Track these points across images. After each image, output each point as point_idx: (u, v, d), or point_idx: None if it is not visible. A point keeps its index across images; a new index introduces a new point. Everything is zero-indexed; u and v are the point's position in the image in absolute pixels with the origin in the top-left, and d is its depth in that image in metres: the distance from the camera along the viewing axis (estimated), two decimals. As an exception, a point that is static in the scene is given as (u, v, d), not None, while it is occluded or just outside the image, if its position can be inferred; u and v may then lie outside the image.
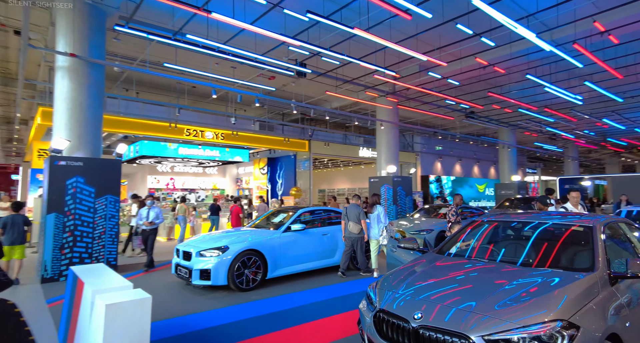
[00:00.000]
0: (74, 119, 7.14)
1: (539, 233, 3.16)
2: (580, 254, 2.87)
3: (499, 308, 2.18)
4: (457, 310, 2.25)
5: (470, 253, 3.30)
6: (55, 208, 6.60)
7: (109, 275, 3.13)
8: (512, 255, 3.07)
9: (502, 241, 3.34)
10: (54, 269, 6.52)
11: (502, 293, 2.32)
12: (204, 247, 5.74)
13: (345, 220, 6.62)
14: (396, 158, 13.40)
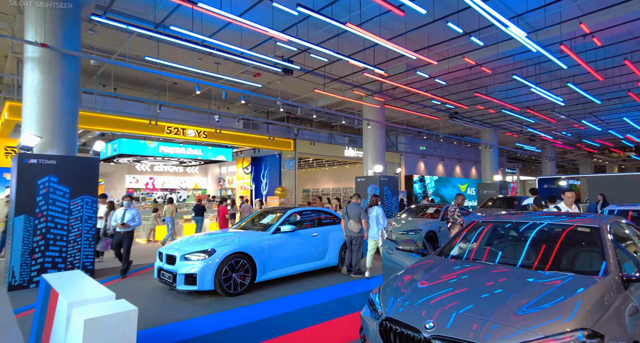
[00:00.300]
0: (46, 115, 6.66)
1: (544, 234, 3.08)
2: (587, 256, 2.80)
3: (517, 316, 2.05)
4: (472, 319, 2.11)
5: (474, 255, 3.19)
6: (24, 210, 6.12)
7: (86, 284, 2.84)
8: (518, 257, 2.97)
9: (507, 243, 3.24)
10: (22, 275, 6.05)
11: (516, 299, 2.20)
12: (188, 250, 5.44)
13: (345, 218, 6.66)
14: (383, 157, 13.36)
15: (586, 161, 31.07)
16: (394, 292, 2.64)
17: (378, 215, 6.60)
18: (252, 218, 7.32)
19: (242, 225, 7.09)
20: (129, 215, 6.90)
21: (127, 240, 6.84)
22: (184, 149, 14.66)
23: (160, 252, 5.79)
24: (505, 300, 2.19)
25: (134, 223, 6.91)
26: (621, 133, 19.64)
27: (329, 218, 7.14)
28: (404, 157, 21.46)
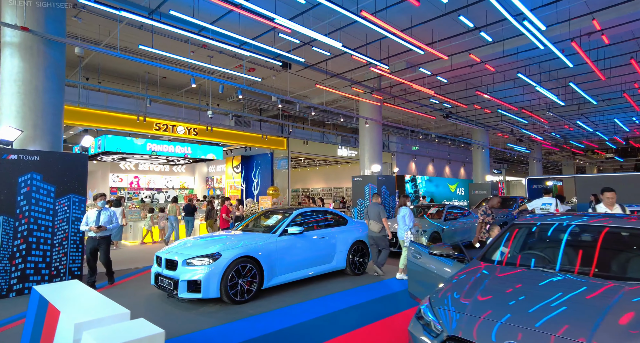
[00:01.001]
0: (27, 106, 6.06)
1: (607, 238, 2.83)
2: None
3: (628, 336, 1.77)
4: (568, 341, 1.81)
5: (527, 261, 2.91)
6: (3, 211, 5.52)
7: (91, 298, 2.40)
8: (587, 264, 2.69)
9: (568, 247, 2.96)
10: (1, 283, 5.44)
11: (614, 314, 1.92)
12: (191, 254, 4.99)
13: (367, 218, 6.71)
14: (380, 157, 13.14)
15: (569, 162, 31.89)
16: (453, 305, 2.33)
17: (405, 216, 6.49)
18: (253, 219, 6.91)
19: (242, 227, 6.67)
20: (104, 216, 5.88)
21: (104, 246, 5.89)
22: (172, 146, 14.01)
23: (159, 256, 5.31)
24: (600, 315, 1.91)
25: (112, 226, 5.95)
26: (608, 135, 20.13)
27: (335, 220, 6.81)
28: (395, 156, 21.36)
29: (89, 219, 5.82)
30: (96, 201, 6.00)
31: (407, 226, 6.46)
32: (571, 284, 2.38)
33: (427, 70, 9.52)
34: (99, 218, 5.83)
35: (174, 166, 20.49)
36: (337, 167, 24.38)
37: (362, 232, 6.91)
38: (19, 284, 5.58)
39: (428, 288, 3.81)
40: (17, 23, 5.99)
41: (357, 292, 5.63)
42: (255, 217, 6.95)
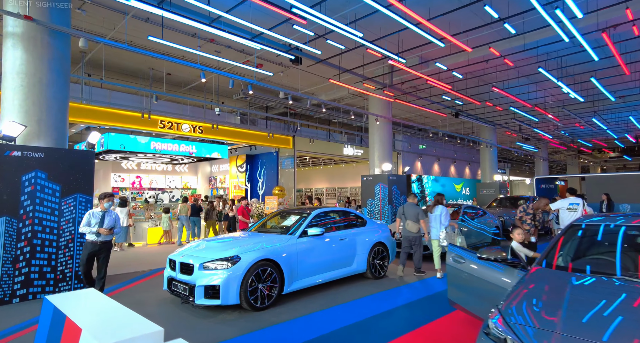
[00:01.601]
0: (31, 100, 5.72)
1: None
2: None
3: None
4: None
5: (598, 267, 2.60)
6: (6, 211, 5.18)
7: (114, 311, 2.08)
8: None
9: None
10: (4, 288, 5.11)
11: None
12: (208, 257, 4.67)
13: (401, 218, 6.67)
14: (390, 155, 12.83)
15: (574, 161, 31.65)
16: (536, 321, 2.01)
17: (441, 214, 6.37)
18: (267, 219, 6.59)
19: (256, 228, 6.35)
20: (108, 219, 5.18)
21: (105, 252, 5.21)
22: (177, 145, 13.67)
23: (172, 259, 4.98)
24: None
25: (117, 230, 5.33)
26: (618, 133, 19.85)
27: (354, 221, 6.49)
28: (401, 155, 21.04)
29: (92, 220, 5.10)
30: (103, 201, 5.24)
31: (442, 225, 6.33)
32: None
33: (443, 65, 9.20)
34: (103, 219, 5.14)
35: (177, 166, 20.14)
36: (342, 167, 24.07)
37: (382, 233, 6.60)
38: (23, 289, 5.25)
39: (473, 296, 3.50)
40: (20, 12, 5.66)
41: (384, 296, 5.31)
42: (269, 217, 6.63)
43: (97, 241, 5.07)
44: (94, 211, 5.19)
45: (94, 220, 5.09)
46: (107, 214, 5.22)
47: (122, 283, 6.27)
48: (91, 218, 5.10)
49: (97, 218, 5.11)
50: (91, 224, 5.08)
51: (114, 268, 7.27)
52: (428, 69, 10.97)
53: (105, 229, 5.09)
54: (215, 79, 13.13)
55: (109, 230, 5.12)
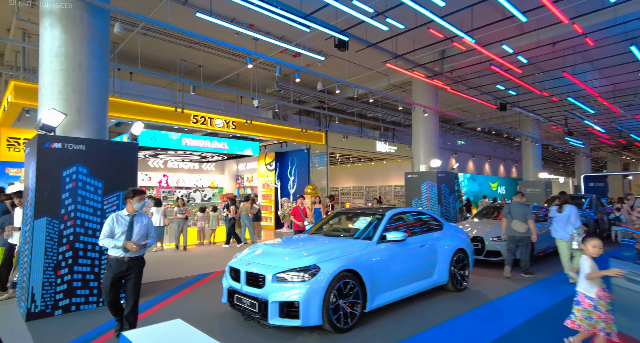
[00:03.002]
0: (70, 86, 5.10)
1: None
2: None
3: None
4: None
5: None
6: (47, 211, 4.56)
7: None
8: None
9: None
10: (45, 299, 4.48)
11: None
12: (282, 266, 3.90)
13: (507, 218, 6.44)
14: (437, 150, 11.86)
15: (616, 158, 29.73)
16: None
17: (571, 214, 5.87)
18: (325, 221, 5.80)
19: (314, 231, 5.56)
20: (139, 227, 3.78)
21: (136, 273, 3.73)
22: (208, 141, 13.04)
23: (235, 268, 4.24)
24: None
25: (150, 241, 3.90)
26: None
27: (430, 223, 5.63)
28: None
29: (116, 228, 3.68)
30: (132, 200, 3.76)
31: (573, 226, 5.81)
32: None
33: (510, 48, 8.19)
34: (132, 227, 3.72)
35: (203, 164, 19.65)
36: (371, 165, 23.14)
37: (462, 238, 5.72)
38: (66, 299, 4.62)
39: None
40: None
41: (484, 314, 4.44)
42: (328, 218, 5.84)
43: (125, 258, 3.65)
44: (119, 214, 3.76)
45: (119, 229, 3.68)
46: (136, 220, 3.78)
47: (166, 292, 5.60)
48: (115, 225, 3.68)
49: (124, 226, 3.69)
50: (115, 235, 3.66)
51: (151, 275, 6.64)
52: (475, 58, 9.96)
53: (134, 244, 3.61)
54: (248, 71, 12.47)
55: (139, 245, 3.66)
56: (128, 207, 3.80)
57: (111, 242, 3.62)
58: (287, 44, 7.63)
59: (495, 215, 9.44)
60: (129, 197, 3.80)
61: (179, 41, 9.94)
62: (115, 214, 3.77)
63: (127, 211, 3.80)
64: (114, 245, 3.62)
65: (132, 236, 3.72)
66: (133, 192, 3.81)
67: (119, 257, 3.67)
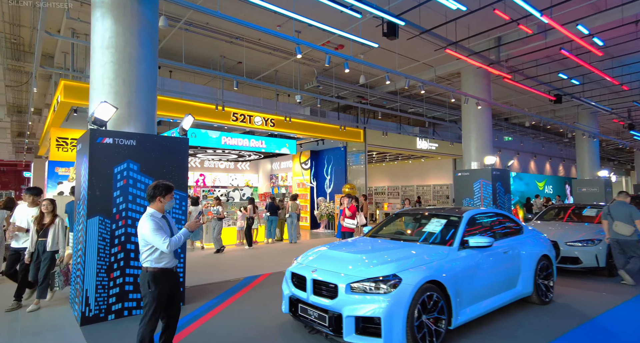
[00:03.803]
0: (121, 78, 4.86)
1: None
2: None
3: None
4: None
5: None
6: (99, 210, 4.32)
7: None
8: None
9: None
10: (99, 302, 4.25)
11: None
12: (357, 274, 3.40)
13: (608, 219, 6.00)
14: (491, 147, 10.98)
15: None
16: None
17: None
18: (384, 223, 5.25)
19: (372, 233, 5.03)
20: (175, 228, 3.26)
21: (176, 290, 3.17)
22: (246, 140, 12.84)
23: (300, 274, 3.79)
24: None
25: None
26: None
27: (510, 226, 4.95)
28: (478, 150, 18.79)
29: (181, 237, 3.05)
30: (165, 198, 3.11)
31: None
32: None
33: (585, 28, 7.26)
34: (172, 230, 3.17)
35: (239, 163, 19.62)
36: (408, 164, 22.26)
37: (544, 243, 5.01)
38: (118, 304, 4.36)
39: None
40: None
41: (600, 336, 3.73)
42: (389, 220, 5.28)
43: (174, 268, 3.09)
44: (153, 215, 3.01)
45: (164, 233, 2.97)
46: (170, 220, 3.21)
47: (217, 297, 5.27)
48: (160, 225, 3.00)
49: (166, 229, 3.05)
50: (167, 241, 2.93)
51: (196, 277, 6.36)
52: (547, 40, 9.02)
53: (195, 223, 3.11)
54: (287, 68, 12.12)
55: (198, 222, 3.19)
56: (157, 206, 3.07)
57: (177, 244, 2.98)
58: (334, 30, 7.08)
59: (561, 216, 8.52)
60: (161, 194, 3.06)
61: (220, 36, 9.72)
62: (150, 216, 3.00)
63: (154, 209, 3.06)
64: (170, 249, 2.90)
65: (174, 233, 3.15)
66: (166, 188, 3.10)
67: (173, 267, 3.09)
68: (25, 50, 10.76)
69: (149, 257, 2.97)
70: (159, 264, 2.98)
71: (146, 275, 2.95)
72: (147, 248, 2.97)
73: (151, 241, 2.92)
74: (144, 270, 2.98)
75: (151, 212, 3.05)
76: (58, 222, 4.87)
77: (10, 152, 25.65)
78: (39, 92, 13.69)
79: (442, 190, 20.49)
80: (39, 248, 4.80)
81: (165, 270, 3.00)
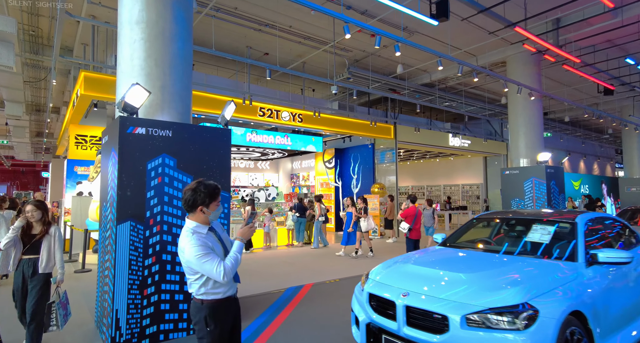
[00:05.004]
0: (153, 59, 4.13)
1: None
2: None
3: None
4: None
5: None
6: (130, 213, 3.59)
7: None
8: None
9: None
10: (130, 324, 3.51)
11: None
12: (472, 303, 2.56)
13: None
14: (541, 142, 9.98)
15: None
16: None
17: None
18: (466, 229, 4.39)
19: (446, 242, 4.18)
20: (227, 238, 2.37)
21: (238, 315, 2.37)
22: (272, 137, 12.13)
23: (384, 298, 2.96)
24: None
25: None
26: None
27: (628, 234, 4.03)
28: (512, 147, 17.67)
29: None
30: (209, 207, 2.16)
31: None
32: None
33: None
34: (224, 244, 2.26)
35: (259, 162, 18.94)
36: (435, 162, 21.23)
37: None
38: (153, 326, 3.62)
39: None
40: (138, -62, 4.09)
41: None
42: (467, 225, 4.42)
43: (233, 296, 2.24)
44: (196, 231, 2.11)
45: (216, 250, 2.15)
46: (220, 231, 2.29)
47: (262, 314, 4.49)
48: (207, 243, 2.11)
49: (217, 245, 2.16)
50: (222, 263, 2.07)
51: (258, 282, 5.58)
52: (616, 19, 8.01)
53: (248, 227, 2.23)
54: (315, 59, 11.34)
55: (251, 226, 2.26)
56: (199, 218, 2.14)
57: (235, 267, 2.09)
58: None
59: (636, 219, 7.52)
60: (203, 202, 2.10)
61: (248, 23, 8.99)
62: (192, 233, 2.08)
63: (196, 222, 2.13)
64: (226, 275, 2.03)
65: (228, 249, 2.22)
66: (210, 193, 2.13)
67: (232, 295, 2.22)
68: (44, 44, 10.24)
69: (202, 288, 2.12)
70: (217, 295, 2.13)
71: (202, 310, 2.12)
72: (196, 278, 2.11)
73: (200, 270, 2.05)
74: (197, 303, 2.15)
75: (193, 226, 2.13)
76: (54, 232, 3.46)
77: (29, 153, 25.59)
78: (57, 90, 13.25)
79: (472, 190, 19.41)
80: (26, 270, 3.33)
81: (226, 300, 2.18)
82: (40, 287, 3.31)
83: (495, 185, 18.42)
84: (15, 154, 26.84)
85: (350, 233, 8.50)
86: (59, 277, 3.42)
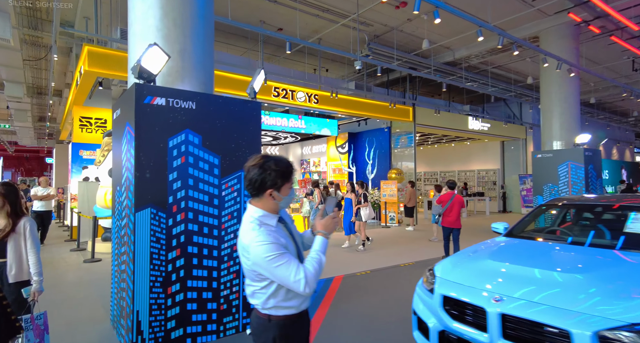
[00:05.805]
0: (171, 17, 3.50)
1: None
2: None
3: None
4: None
5: None
6: (150, 198, 3.04)
7: None
8: None
9: None
10: (154, 327, 3.01)
11: None
12: (601, 315, 2.01)
13: None
14: (579, 123, 9.29)
15: None
16: None
17: None
18: (536, 216, 3.82)
19: (517, 233, 3.61)
20: (296, 231, 1.78)
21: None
22: (285, 119, 11.50)
23: (469, 303, 2.42)
24: None
25: None
26: None
27: None
28: (533, 131, 16.96)
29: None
30: (281, 190, 1.58)
31: None
32: None
33: None
34: (294, 238, 1.70)
35: (268, 147, 18.35)
36: (450, 147, 20.53)
37: None
38: (179, 329, 3.12)
39: None
40: None
41: None
42: (535, 212, 3.84)
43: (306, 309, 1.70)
44: (264, 224, 1.52)
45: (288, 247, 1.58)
46: (290, 221, 1.71)
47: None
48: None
49: (288, 240, 1.58)
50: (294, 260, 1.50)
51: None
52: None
53: (331, 218, 1.63)
54: (331, 35, 10.57)
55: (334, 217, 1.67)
56: (267, 205, 1.57)
57: (318, 274, 1.50)
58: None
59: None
60: (274, 184, 1.54)
61: None
62: (259, 224, 1.51)
63: (264, 211, 1.56)
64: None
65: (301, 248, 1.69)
66: (283, 171, 1.55)
67: (306, 308, 1.65)
68: (43, 18, 9.53)
69: (271, 299, 1.54)
70: (290, 310, 1.57)
71: (270, 329, 1.56)
72: (263, 285, 1.54)
73: (271, 276, 1.49)
74: (262, 319, 1.58)
75: (259, 215, 1.55)
76: (23, 227, 2.59)
77: (32, 138, 25.09)
78: (58, 71, 12.60)
79: (489, 175, 18.77)
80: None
81: (300, 315, 1.62)
82: (12, 301, 2.37)
83: (512, 170, 17.76)
84: (19, 140, 26.36)
85: (351, 223, 8.00)
86: (35, 286, 2.53)
